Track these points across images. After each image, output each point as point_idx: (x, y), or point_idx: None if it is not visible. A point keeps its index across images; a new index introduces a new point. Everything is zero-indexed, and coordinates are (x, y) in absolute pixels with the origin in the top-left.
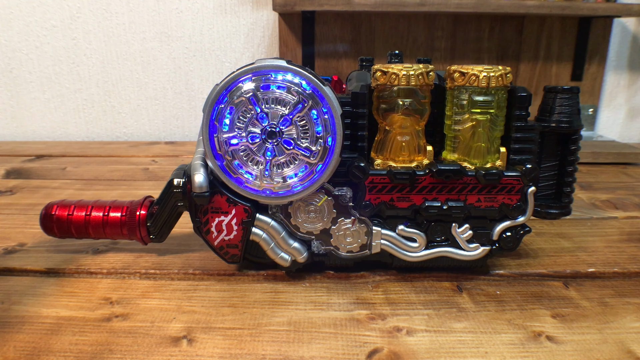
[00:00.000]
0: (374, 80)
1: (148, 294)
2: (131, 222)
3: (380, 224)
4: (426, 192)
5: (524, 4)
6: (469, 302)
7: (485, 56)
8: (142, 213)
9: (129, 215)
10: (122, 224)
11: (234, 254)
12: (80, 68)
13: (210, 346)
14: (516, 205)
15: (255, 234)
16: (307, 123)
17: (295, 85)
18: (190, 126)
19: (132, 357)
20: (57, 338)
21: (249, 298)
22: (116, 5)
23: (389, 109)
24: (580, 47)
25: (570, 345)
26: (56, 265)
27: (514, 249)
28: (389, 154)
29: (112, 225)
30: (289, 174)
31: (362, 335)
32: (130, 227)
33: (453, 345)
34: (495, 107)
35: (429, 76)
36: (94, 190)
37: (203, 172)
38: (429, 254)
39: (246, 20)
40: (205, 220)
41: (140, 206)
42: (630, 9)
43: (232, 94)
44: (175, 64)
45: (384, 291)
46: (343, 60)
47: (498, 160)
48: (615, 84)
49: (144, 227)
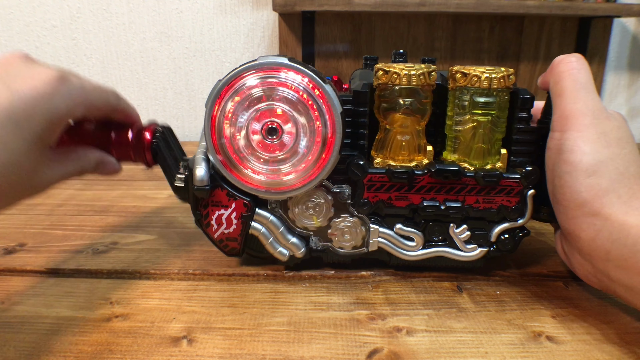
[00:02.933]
0: (376, 79)
1: (148, 294)
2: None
3: (378, 222)
4: (424, 192)
5: (524, 4)
6: (469, 302)
7: (485, 56)
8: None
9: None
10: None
11: (234, 247)
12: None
13: (210, 346)
14: (515, 207)
15: (255, 228)
16: (307, 120)
17: (296, 82)
18: (190, 126)
19: (132, 357)
20: (57, 338)
21: (249, 298)
22: (116, 5)
23: (390, 108)
24: (580, 47)
25: (570, 345)
26: (56, 265)
27: (512, 251)
28: (389, 153)
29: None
30: (288, 171)
31: (362, 335)
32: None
33: (453, 345)
34: (497, 108)
35: (430, 76)
36: (94, 191)
37: (204, 165)
38: (426, 254)
39: (246, 20)
40: (206, 213)
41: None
42: (630, 9)
43: (234, 90)
44: (175, 64)
45: (384, 291)
46: (343, 60)
47: (498, 162)
48: (615, 84)
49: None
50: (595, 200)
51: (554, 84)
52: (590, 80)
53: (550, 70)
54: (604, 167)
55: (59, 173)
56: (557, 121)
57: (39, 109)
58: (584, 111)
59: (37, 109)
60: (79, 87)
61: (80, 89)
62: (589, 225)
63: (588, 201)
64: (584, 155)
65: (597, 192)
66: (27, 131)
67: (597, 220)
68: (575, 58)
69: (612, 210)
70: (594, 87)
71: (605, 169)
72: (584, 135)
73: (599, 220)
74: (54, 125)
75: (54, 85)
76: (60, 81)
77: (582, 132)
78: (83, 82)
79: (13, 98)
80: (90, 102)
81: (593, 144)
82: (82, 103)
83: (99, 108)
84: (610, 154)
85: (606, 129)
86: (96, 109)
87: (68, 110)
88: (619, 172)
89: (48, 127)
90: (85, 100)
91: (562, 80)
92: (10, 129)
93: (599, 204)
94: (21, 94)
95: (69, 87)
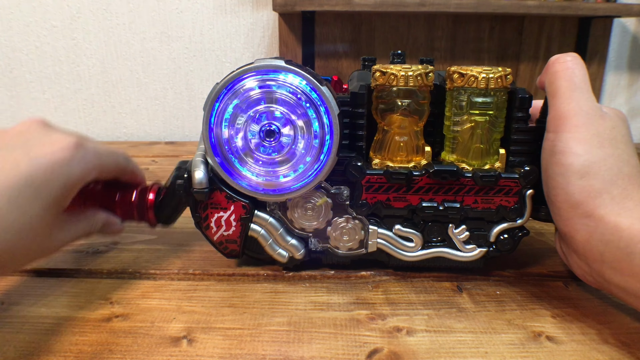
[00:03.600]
0: (374, 80)
1: (148, 294)
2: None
3: (377, 223)
4: (423, 193)
5: (524, 4)
6: (469, 302)
7: (485, 56)
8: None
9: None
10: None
11: (233, 249)
12: (80, 68)
13: (210, 346)
14: (514, 207)
15: (254, 230)
16: (305, 122)
17: (293, 85)
18: (190, 126)
19: (132, 357)
20: (57, 338)
21: (249, 298)
22: (116, 6)
23: (388, 109)
24: (580, 47)
25: (570, 345)
26: (56, 265)
27: (511, 251)
28: (387, 154)
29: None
30: (286, 172)
31: (362, 335)
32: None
33: (453, 345)
34: (495, 108)
35: (428, 77)
36: None
37: (203, 168)
38: (425, 254)
39: (246, 20)
40: (205, 215)
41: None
42: (630, 9)
43: (232, 93)
44: (175, 64)
45: (384, 291)
46: (343, 61)
47: (497, 162)
48: (615, 84)
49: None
50: (588, 202)
51: (548, 84)
52: (585, 80)
53: (545, 70)
54: (597, 168)
55: (69, 235)
56: (551, 122)
57: (57, 175)
58: (577, 112)
59: (55, 175)
60: (93, 152)
61: (94, 154)
62: (582, 227)
63: (581, 203)
64: (576, 157)
65: (589, 193)
66: (44, 196)
67: (591, 221)
68: (571, 57)
69: (605, 211)
70: (589, 86)
71: (597, 170)
72: (576, 136)
73: (592, 221)
74: (70, 190)
75: (71, 151)
76: (76, 148)
77: (574, 133)
78: (97, 146)
79: (32, 165)
80: (103, 166)
81: (585, 145)
82: (96, 167)
83: (110, 171)
84: (603, 155)
85: (599, 130)
86: (107, 172)
87: (83, 176)
88: (612, 173)
89: (64, 192)
90: (99, 164)
91: (556, 80)
92: (29, 195)
93: (592, 205)
94: (40, 160)
95: (85, 153)
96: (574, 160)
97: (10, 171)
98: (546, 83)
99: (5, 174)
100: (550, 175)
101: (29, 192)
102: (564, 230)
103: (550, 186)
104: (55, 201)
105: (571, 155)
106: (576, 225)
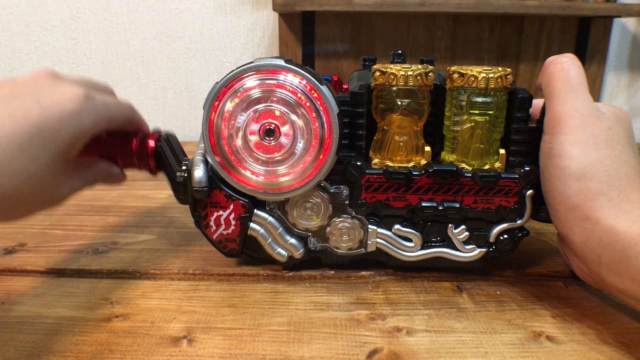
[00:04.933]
0: (373, 80)
1: (148, 294)
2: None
3: (377, 222)
4: (422, 193)
5: (524, 4)
6: (469, 302)
7: (485, 56)
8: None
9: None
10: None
11: (232, 248)
12: (81, 68)
13: (210, 346)
14: (514, 207)
15: (253, 229)
16: (304, 121)
17: (293, 84)
18: (190, 126)
19: (132, 357)
20: (57, 338)
21: (249, 298)
22: (116, 6)
23: (388, 109)
24: (580, 47)
25: (570, 345)
26: (56, 265)
27: (511, 251)
28: (387, 154)
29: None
30: (286, 171)
31: (362, 335)
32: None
33: (453, 345)
34: (494, 108)
35: (427, 77)
36: (94, 191)
37: (203, 167)
38: (424, 254)
39: (246, 20)
40: (205, 214)
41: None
42: (630, 9)
43: (232, 92)
44: (175, 64)
45: (384, 291)
46: (343, 60)
47: (497, 162)
48: (615, 84)
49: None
50: (585, 204)
51: (545, 86)
52: (581, 81)
53: (542, 71)
54: (593, 170)
55: (76, 185)
56: (547, 124)
57: (66, 125)
58: (572, 113)
59: (64, 126)
60: (102, 105)
61: (103, 106)
62: (580, 229)
63: (578, 205)
64: (571, 159)
65: (586, 195)
66: (53, 146)
67: (588, 224)
68: (566, 58)
69: (601, 214)
70: (586, 87)
71: (594, 172)
72: (572, 138)
73: (589, 224)
74: (78, 141)
75: (81, 103)
76: (86, 99)
77: (569, 135)
78: (105, 98)
79: (42, 114)
80: (112, 117)
81: (581, 147)
82: (104, 119)
83: (117, 122)
84: (599, 157)
85: (596, 131)
86: (115, 123)
87: (92, 127)
88: (608, 175)
89: (72, 143)
90: (107, 116)
91: (552, 82)
92: (38, 143)
93: (589, 207)
94: (51, 110)
95: (94, 104)
96: (569, 163)
97: (22, 119)
98: (542, 85)
99: (17, 122)
100: (548, 177)
101: (38, 140)
102: (562, 232)
103: (548, 188)
104: (63, 151)
105: (567, 158)
106: (574, 228)
